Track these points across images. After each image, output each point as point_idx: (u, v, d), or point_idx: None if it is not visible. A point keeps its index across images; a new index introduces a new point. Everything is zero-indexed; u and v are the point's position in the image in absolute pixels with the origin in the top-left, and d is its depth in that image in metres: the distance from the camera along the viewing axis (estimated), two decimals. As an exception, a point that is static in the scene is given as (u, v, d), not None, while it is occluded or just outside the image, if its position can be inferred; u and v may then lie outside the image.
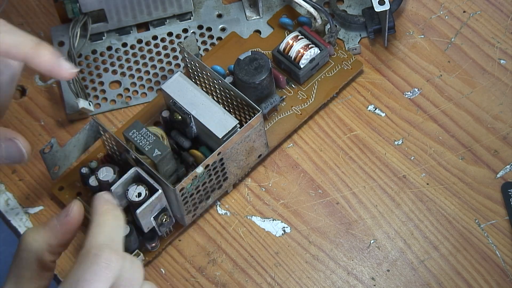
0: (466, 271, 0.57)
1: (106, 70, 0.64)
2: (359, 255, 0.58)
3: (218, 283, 0.57)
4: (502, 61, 0.63)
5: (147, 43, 0.65)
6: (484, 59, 0.63)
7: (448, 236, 0.58)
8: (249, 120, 0.56)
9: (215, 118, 0.57)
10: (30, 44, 0.52)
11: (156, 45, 0.64)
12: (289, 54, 0.61)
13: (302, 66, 0.61)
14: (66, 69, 0.53)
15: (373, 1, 0.60)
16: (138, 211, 0.53)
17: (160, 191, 0.54)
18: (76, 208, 0.52)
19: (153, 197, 0.54)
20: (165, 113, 0.59)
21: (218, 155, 0.55)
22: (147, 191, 0.54)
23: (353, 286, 0.57)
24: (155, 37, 0.65)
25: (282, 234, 0.59)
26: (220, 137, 0.56)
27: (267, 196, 0.60)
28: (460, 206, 0.59)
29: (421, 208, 0.59)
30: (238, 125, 0.57)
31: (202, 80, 0.59)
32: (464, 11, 0.65)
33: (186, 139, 0.59)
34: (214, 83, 0.58)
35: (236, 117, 0.57)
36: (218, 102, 0.58)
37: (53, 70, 0.53)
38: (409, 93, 0.62)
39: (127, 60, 0.64)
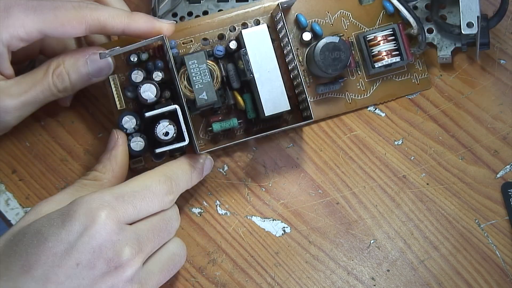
0: (466, 271, 0.57)
1: None
2: (359, 255, 0.58)
3: (218, 283, 0.57)
4: (502, 61, 0.63)
5: None
6: (484, 59, 0.63)
7: (448, 236, 0.58)
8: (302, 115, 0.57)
9: (272, 93, 0.55)
10: (124, 14, 0.54)
11: None
12: (371, 48, 0.60)
13: (376, 66, 0.60)
14: (164, 25, 0.55)
15: (461, 23, 0.58)
16: (157, 150, 0.54)
17: (186, 142, 0.54)
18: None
19: (177, 145, 0.54)
20: (233, 45, 0.57)
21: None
22: (175, 133, 0.54)
23: (353, 286, 0.57)
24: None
25: (282, 234, 0.59)
26: (266, 115, 0.55)
27: (267, 196, 0.59)
28: (460, 206, 0.59)
29: (421, 208, 0.59)
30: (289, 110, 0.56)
31: (283, 44, 0.57)
32: (464, 11, 0.65)
33: (238, 80, 0.57)
34: (297, 60, 0.56)
35: (288, 92, 0.56)
36: (284, 72, 0.56)
37: (153, 30, 0.54)
38: (409, 93, 0.62)
39: None
